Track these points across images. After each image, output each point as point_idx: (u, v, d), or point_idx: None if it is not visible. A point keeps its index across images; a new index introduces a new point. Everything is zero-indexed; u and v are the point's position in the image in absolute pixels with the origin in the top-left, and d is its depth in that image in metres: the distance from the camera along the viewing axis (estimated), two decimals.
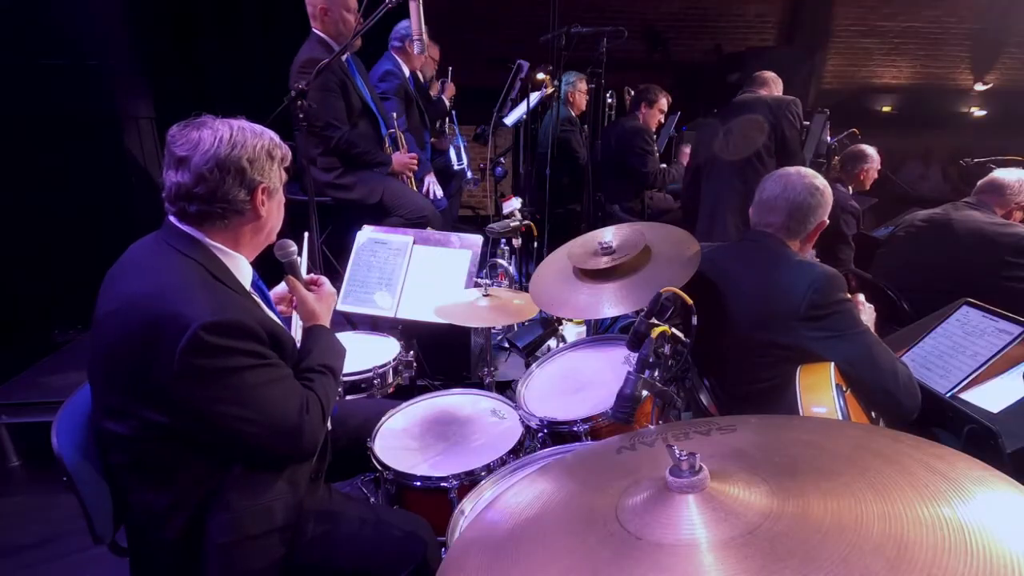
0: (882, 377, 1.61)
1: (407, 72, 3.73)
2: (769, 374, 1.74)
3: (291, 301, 1.64)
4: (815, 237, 1.86)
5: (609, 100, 4.55)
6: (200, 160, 1.21)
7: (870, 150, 3.85)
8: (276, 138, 1.33)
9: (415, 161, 3.38)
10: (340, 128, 3.02)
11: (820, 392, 1.51)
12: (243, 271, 1.34)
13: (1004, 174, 2.78)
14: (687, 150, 4.65)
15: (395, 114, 3.43)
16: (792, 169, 1.85)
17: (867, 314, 1.93)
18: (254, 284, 1.40)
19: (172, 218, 1.28)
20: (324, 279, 1.63)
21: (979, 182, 2.83)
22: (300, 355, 1.41)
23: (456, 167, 4.28)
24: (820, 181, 1.81)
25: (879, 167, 3.89)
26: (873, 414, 1.69)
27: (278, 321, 1.39)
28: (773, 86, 3.62)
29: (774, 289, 1.71)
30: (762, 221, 1.85)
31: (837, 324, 1.64)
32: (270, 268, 1.51)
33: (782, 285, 1.70)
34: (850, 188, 3.83)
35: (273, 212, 1.36)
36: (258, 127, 1.31)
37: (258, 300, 1.36)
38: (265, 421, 1.20)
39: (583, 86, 4.45)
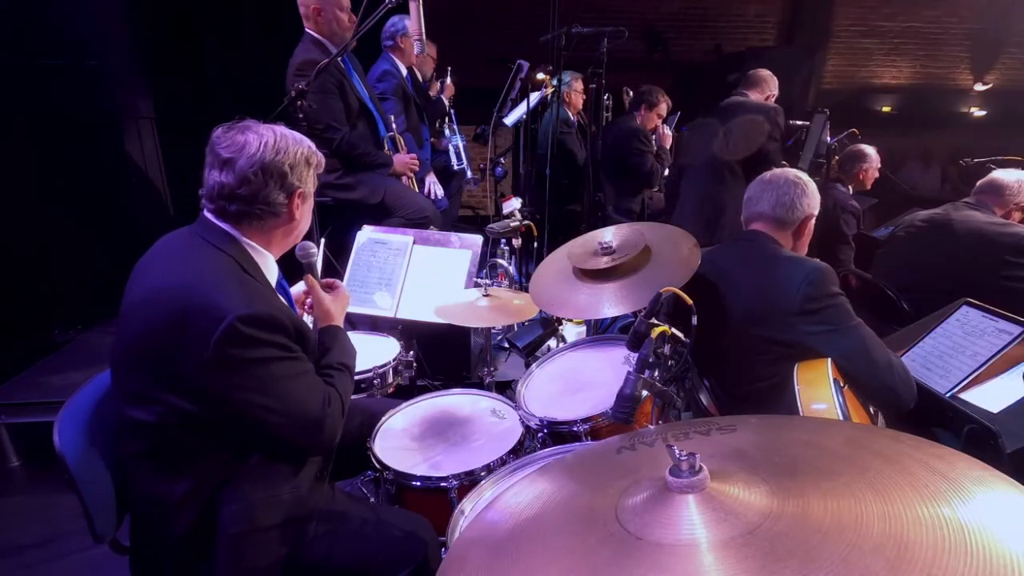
0: (878, 370, 1.62)
1: (404, 70, 3.73)
2: (768, 372, 1.74)
3: (303, 303, 1.68)
4: (806, 231, 1.87)
5: (606, 102, 4.55)
6: (246, 163, 1.27)
7: (869, 150, 3.85)
8: (313, 145, 1.39)
9: (416, 162, 3.38)
10: (340, 130, 3.01)
11: (818, 388, 1.51)
12: (271, 269, 1.40)
13: (1003, 175, 2.78)
14: None
15: (393, 116, 3.43)
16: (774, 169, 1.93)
17: None
18: (278, 283, 1.44)
19: (209, 215, 1.32)
20: (339, 282, 1.68)
21: (978, 182, 2.83)
22: (319, 353, 1.45)
23: (456, 167, 4.28)
24: (802, 174, 1.86)
25: (879, 166, 3.89)
26: (872, 409, 1.69)
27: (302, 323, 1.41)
28: (766, 86, 3.59)
29: (769, 286, 1.73)
30: (751, 217, 1.89)
31: (832, 318, 1.66)
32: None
33: (777, 281, 1.71)
34: (850, 188, 3.83)
35: (305, 216, 1.42)
36: (297, 134, 1.36)
37: (280, 297, 1.39)
38: (289, 412, 1.24)
39: (579, 85, 4.45)
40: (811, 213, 1.84)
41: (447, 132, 4.31)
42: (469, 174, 4.40)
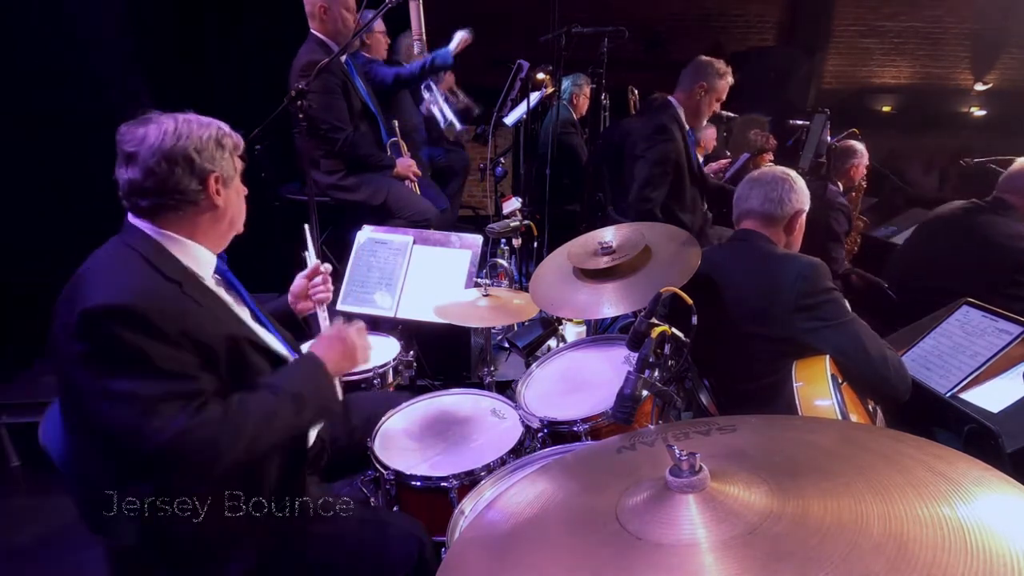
0: (874, 363, 1.64)
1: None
2: (766, 369, 1.75)
3: (307, 296, 1.65)
4: (797, 227, 1.88)
5: (604, 102, 4.54)
6: (147, 154, 1.22)
7: (858, 145, 3.84)
8: (225, 127, 1.32)
9: (417, 167, 3.37)
10: (344, 130, 3.01)
11: (817, 385, 1.52)
12: (201, 260, 1.31)
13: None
14: None
15: (396, 122, 3.42)
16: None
17: None
18: (222, 274, 1.37)
19: (129, 216, 1.29)
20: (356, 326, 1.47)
21: (1001, 178, 2.69)
22: (278, 373, 1.32)
23: (444, 124, 4.04)
24: (789, 171, 1.89)
25: (867, 162, 3.88)
26: (870, 406, 1.70)
27: (241, 320, 1.34)
28: (696, 80, 2.88)
29: (764, 284, 1.74)
30: (741, 215, 1.91)
31: (827, 313, 1.67)
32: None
33: (771, 280, 1.73)
34: (840, 185, 3.81)
35: (232, 201, 1.34)
36: (205, 118, 1.30)
37: (218, 292, 1.33)
38: (133, 432, 1.09)
39: (588, 90, 4.45)
40: (800, 208, 1.86)
41: (424, 94, 3.94)
42: (459, 125, 4.08)
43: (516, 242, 3.23)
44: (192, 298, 1.22)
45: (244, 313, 1.38)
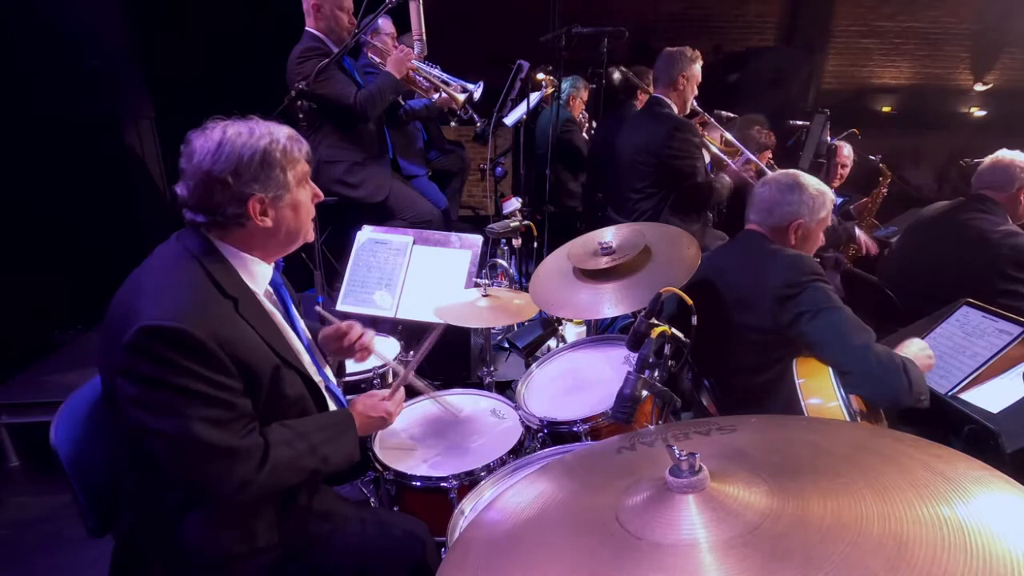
0: (854, 352, 1.55)
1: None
2: (762, 362, 1.76)
3: (341, 338, 1.56)
4: (794, 234, 1.81)
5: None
6: (192, 172, 1.19)
7: (842, 144, 3.84)
8: (281, 139, 1.24)
9: (406, 49, 3.10)
10: (352, 89, 2.95)
11: (819, 380, 1.51)
12: (257, 275, 1.30)
13: (999, 158, 2.65)
14: None
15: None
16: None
17: (915, 347, 1.75)
18: (275, 287, 1.38)
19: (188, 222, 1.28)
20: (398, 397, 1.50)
21: (976, 174, 2.67)
22: (310, 424, 1.32)
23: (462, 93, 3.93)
24: (799, 181, 1.79)
25: (844, 161, 3.87)
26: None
27: (288, 344, 1.32)
28: (675, 72, 3.09)
29: (753, 275, 1.76)
30: (747, 218, 1.93)
31: (806, 300, 1.64)
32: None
33: (760, 271, 1.74)
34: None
35: (285, 217, 1.27)
36: (263, 128, 1.24)
37: (270, 311, 1.32)
38: (177, 448, 1.12)
39: (585, 95, 4.46)
40: (800, 223, 1.79)
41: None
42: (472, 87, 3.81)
43: (516, 242, 3.23)
44: (246, 319, 1.22)
45: (290, 333, 1.37)
